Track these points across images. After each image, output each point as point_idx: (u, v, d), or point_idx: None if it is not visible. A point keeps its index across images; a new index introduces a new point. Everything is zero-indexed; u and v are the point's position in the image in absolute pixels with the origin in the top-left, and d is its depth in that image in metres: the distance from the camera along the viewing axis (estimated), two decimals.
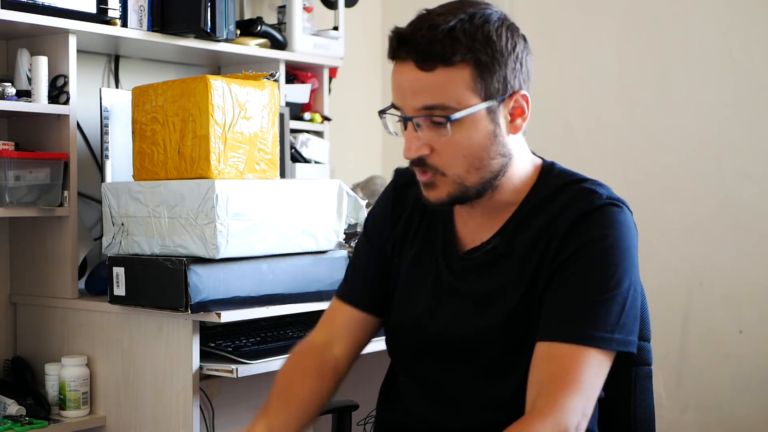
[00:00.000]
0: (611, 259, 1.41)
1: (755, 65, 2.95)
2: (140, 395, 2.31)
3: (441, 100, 1.38)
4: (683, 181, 3.06)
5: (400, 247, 1.60)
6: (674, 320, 3.07)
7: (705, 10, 3.03)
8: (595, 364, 1.37)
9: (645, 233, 3.11)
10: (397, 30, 1.42)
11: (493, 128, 1.42)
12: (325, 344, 1.61)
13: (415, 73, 1.38)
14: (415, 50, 1.38)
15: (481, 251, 1.50)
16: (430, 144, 1.41)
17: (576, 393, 1.35)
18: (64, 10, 2.38)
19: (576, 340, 1.37)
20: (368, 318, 1.62)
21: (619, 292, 1.40)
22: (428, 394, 1.55)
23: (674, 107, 3.09)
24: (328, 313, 1.65)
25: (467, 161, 1.42)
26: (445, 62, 1.37)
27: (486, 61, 1.38)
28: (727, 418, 2.98)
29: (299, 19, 3.02)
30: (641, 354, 1.60)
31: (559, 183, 1.50)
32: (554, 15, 3.34)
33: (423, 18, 1.41)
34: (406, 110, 1.42)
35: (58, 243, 2.46)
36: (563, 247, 1.42)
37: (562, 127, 3.31)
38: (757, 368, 2.93)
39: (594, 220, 1.43)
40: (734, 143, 2.98)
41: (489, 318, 1.47)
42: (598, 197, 1.45)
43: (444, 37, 1.37)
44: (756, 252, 2.94)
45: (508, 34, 1.42)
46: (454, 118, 1.38)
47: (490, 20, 1.40)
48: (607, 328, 1.38)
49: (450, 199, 1.45)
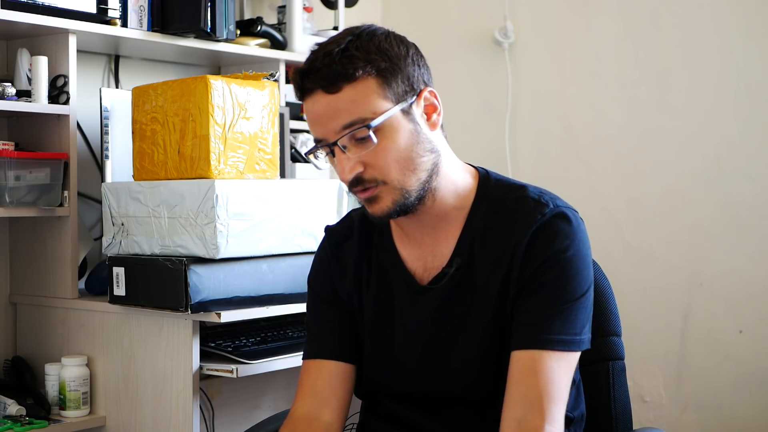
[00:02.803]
0: (574, 269, 1.48)
1: (755, 65, 2.95)
2: (140, 395, 2.31)
3: (357, 115, 1.43)
4: (683, 181, 3.06)
5: (359, 297, 1.61)
6: (674, 320, 3.07)
7: (705, 10, 3.03)
8: (568, 367, 1.47)
9: (645, 233, 3.14)
10: (297, 69, 1.48)
11: (413, 127, 1.47)
12: (312, 415, 1.58)
13: (325, 98, 1.44)
14: (318, 78, 1.44)
15: (446, 277, 1.53)
16: (361, 161, 1.45)
17: (560, 401, 1.44)
18: (64, 10, 2.38)
19: (551, 346, 1.44)
20: (346, 367, 1.60)
21: (584, 297, 1.49)
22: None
23: (674, 107, 3.08)
24: (304, 379, 1.61)
25: (400, 165, 1.45)
26: (349, 79, 1.42)
27: (386, 68, 1.44)
28: (727, 418, 2.98)
29: (299, 19, 3.02)
30: (615, 349, 1.70)
31: (502, 193, 1.55)
32: (554, 15, 3.34)
33: (316, 51, 1.47)
34: (328, 137, 1.46)
35: (58, 243, 2.46)
36: (526, 263, 1.48)
37: (562, 127, 3.31)
38: (757, 368, 2.93)
39: (551, 232, 1.48)
40: (734, 143, 2.97)
41: (464, 350, 1.51)
42: (548, 208, 1.50)
43: (340, 58, 1.43)
44: (756, 252, 2.94)
45: (397, 41, 1.49)
46: (374, 125, 1.42)
47: (377, 33, 1.47)
48: (576, 331, 1.47)
49: (395, 206, 1.47)
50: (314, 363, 1.61)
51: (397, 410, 1.58)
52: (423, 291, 1.55)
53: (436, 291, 1.53)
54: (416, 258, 1.56)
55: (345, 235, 1.64)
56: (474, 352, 1.51)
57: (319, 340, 1.63)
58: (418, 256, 1.56)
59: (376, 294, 1.59)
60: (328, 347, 1.61)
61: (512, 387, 1.44)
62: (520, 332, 1.47)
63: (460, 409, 1.53)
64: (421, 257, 1.56)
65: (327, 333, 1.62)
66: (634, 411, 1.78)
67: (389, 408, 1.60)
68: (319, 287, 1.66)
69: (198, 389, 2.23)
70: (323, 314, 1.64)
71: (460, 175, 1.55)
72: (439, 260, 1.54)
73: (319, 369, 1.60)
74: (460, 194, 1.54)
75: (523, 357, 1.45)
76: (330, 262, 1.65)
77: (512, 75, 3.39)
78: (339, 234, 1.66)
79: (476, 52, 3.48)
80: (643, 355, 3.08)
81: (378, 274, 1.60)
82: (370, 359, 1.60)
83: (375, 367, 1.60)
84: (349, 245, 1.63)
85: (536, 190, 1.54)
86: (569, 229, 1.49)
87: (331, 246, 1.66)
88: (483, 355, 1.50)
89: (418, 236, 1.56)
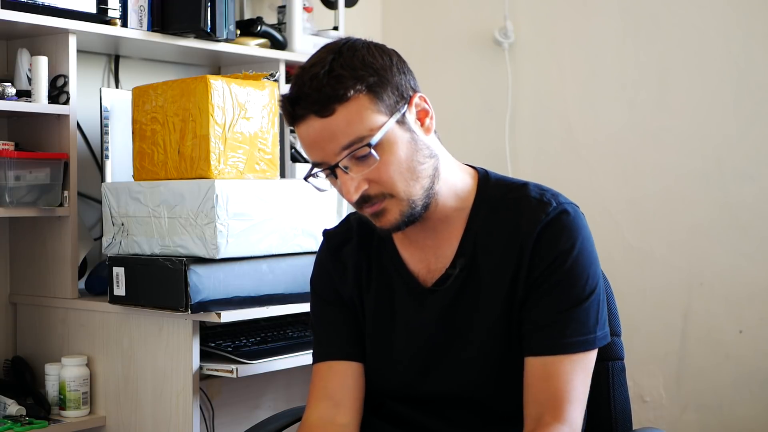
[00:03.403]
0: (583, 267, 1.47)
1: (755, 65, 2.95)
2: (140, 395, 2.31)
3: (354, 134, 1.41)
4: (683, 181, 3.06)
5: (360, 299, 1.61)
6: (674, 320, 3.07)
7: (705, 10, 3.03)
8: (586, 367, 1.46)
9: (645, 233, 3.14)
10: (285, 96, 1.45)
11: (410, 136, 1.46)
12: (326, 419, 1.56)
13: (319, 122, 1.41)
14: (310, 103, 1.41)
15: (451, 278, 1.52)
16: (365, 178, 1.44)
17: (577, 401, 1.44)
18: (64, 10, 2.38)
19: (566, 350, 1.44)
20: (357, 366, 1.60)
21: (594, 293, 1.48)
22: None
23: (674, 107, 3.08)
24: (316, 383, 1.60)
25: (404, 176, 1.44)
26: (341, 100, 1.40)
27: (374, 82, 1.42)
28: (727, 418, 2.98)
29: (299, 19, 3.02)
30: (614, 349, 1.69)
31: (502, 193, 1.54)
32: (554, 15, 3.34)
33: (301, 75, 1.44)
34: (328, 160, 1.44)
35: (58, 243, 2.46)
36: (534, 264, 1.47)
37: (562, 127, 3.31)
38: (757, 368, 2.93)
39: (556, 231, 1.48)
40: (734, 143, 2.97)
41: (469, 350, 1.51)
42: (551, 207, 1.49)
43: (328, 80, 1.40)
44: (756, 252, 2.94)
45: (379, 52, 1.46)
46: (374, 143, 1.41)
47: (358, 47, 1.44)
48: (590, 329, 1.46)
49: (403, 217, 1.46)
50: (324, 365, 1.60)
51: (400, 411, 1.58)
52: (428, 293, 1.54)
53: (441, 293, 1.53)
54: (419, 260, 1.56)
55: (344, 238, 1.64)
56: (478, 352, 1.51)
57: (326, 342, 1.62)
58: (420, 259, 1.56)
59: (377, 296, 1.59)
60: (337, 348, 1.60)
61: (529, 391, 1.45)
62: (532, 338, 1.47)
63: (464, 410, 1.53)
64: (423, 259, 1.56)
65: (334, 334, 1.61)
66: (634, 411, 1.78)
67: (392, 408, 1.60)
68: (321, 289, 1.66)
69: (198, 389, 2.23)
70: (328, 316, 1.63)
71: (459, 176, 1.55)
72: (442, 262, 1.54)
73: (330, 370, 1.59)
74: (460, 195, 1.53)
75: (537, 363, 1.45)
76: (330, 265, 1.65)
77: (512, 75, 3.39)
78: (338, 238, 1.65)
79: (476, 52, 3.48)
80: (643, 355, 3.08)
81: (379, 276, 1.60)
82: (372, 360, 1.60)
83: (376, 369, 1.60)
84: (349, 248, 1.63)
85: (537, 188, 1.54)
86: (573, 226, 1.48)
87: (329, 249, 1.66)
88: (488, 355, 1.50)
89: (420, 239, 1.55)
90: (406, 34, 3.66)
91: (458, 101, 3.47)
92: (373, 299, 1.59)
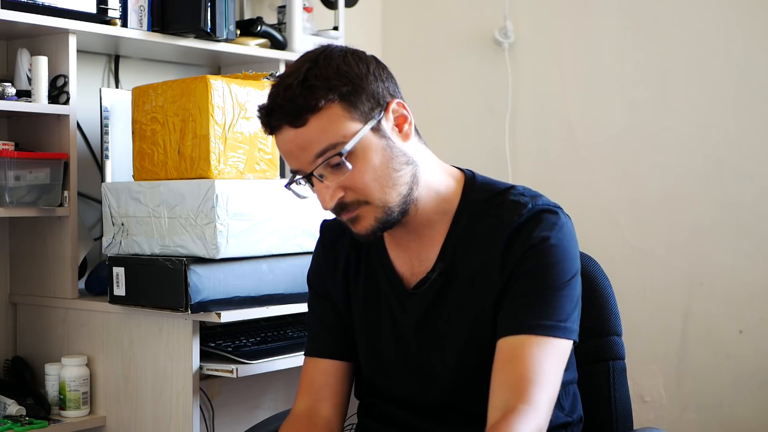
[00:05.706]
0: (557, 257, 1.46)
1: (755, 65, 2.95)
2: (140, 395, 2.31)
3: (327, 142, 1.41)
4: (683, 181, 3.06)
5: (346, 297, 1.62)
6: (674, 320, 3.07)
7: (705, 10, 3.03)
8: (555, 353, 1.43)
9: (645, 233, 3.14)
10: (260, 107, 1.46)
11: (385, 143, 1.45)
12: (311, 410, 1.60)
13: (293, 132, 1.42)
14: (283, 114, 1.42)
15: (429, 281, 1.53)
16: (340, 186, 1.44)
17: (545, 386, 1.40)
18: (64, 10, 2.38)
19: (534, 330, 1.42)
20: (341, 365, 1.63)
21: (568, 284, 1.46)
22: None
23: (674, 107, 3.08)
24: (304, 376, 1.64)
25: (379, 183, 1.44)
26: (313, 110, 1.40)
27: (347, 91, 1.42)
28: (727, 418, 2.98)
29: (299, 19, 3.02)
30: (615, 349, 1.69)
31: (486, 196, 1.53)
32: (554, 15, 3.34)
33: (276, 85, 1.45)
34: (304, 168, 1.45)
35: (58, 243, 2.46)
36: (509, 258, 1.46)
37: (562, 127, 3.31)
38: (757, 368, 2.93)
39: (532, 225, 1.47)
40: (734, 143, 2.97)
41: (447, 355, 1.51)
42: (526, 208, 1.48)
43: (301, 90, 1.41)
44: (756, 252, 2.94)
45: (355, 60, 1.45)
46: (346, 151, 1.41)
47: (333, 55, 1.44)
48: (560, 317, 1.43)
49: (378, 224, 1.47)
50: (312, 361, 1.64)
51: (390, 411, 1.59)
52: (409, 295, 1.55)
53: (419, 296, 1.54)
54: (404, 262, 1.57)
55: (338, 233, 1.65)
56: (457, 357, 1.50)
57: (316, 337, 1.65)
58: (405, 261, 1.57)
59: (365, 295, 1.60)
60: (323, 345, 1.63)
61: (496, 375, 1.42)
62: (503, 322, 1.45)
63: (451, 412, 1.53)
64: (408, 261, 1.56)
65: (323, 331, 1.64)
66: (634, 411, 1.78)
67: (382, 409, 1.61)
68: (315, 284, 1.68)
69: (198, 389, 2.23)
70: (320, 312, 1.66)
71: (443, 180, 1.54)
72: (424, 265, 1.54)
73: (315, 367, 1.63)
74: (443, 199, 1.53)
75: (505, 344, 1.43)
76: (323, 259, 1.67)
77: (512, 75, 3.39)
78: (333, 232, 1.67)
79: (476, 52, 3.48)
80: (643, 355, 3.08)
81: (367, 276, 1.60)
82: (362, 359, 1.62)
83: (365, 369, 1.62)
84: (341, 244, 1.64)
85: (519, 191, 1.52)
86: (551, 223, 1.47)
87: (324, 245, 1.68)
88: (465, 360, 1.50)
89: (405, 241, 1.56)
90: (406, 34, 3.66)
91: (458, 101, 3.47)
92: (361, 297, 1.60)
